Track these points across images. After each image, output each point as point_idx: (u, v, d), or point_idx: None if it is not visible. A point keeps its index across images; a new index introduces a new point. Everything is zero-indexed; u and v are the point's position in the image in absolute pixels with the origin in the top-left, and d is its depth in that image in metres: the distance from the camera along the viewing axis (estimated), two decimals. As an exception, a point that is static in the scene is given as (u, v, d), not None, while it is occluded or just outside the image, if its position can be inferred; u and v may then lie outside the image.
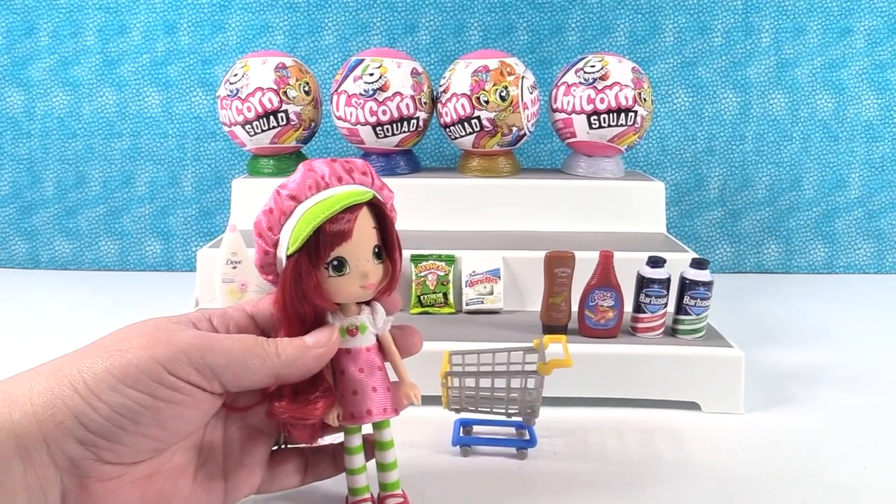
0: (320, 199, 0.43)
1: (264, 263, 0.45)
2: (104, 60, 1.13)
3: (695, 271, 0.69)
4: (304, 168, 0.44)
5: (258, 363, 0.42)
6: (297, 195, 0.43)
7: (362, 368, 0.46)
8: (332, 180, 0.44)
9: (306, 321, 0.45)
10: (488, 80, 0.88)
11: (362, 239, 0.44)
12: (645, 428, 0.65)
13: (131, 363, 0.38)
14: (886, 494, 0.54)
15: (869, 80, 1.13)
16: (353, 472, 0.48)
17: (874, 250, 1.18)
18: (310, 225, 0.42)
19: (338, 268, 0.43)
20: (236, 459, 0.46)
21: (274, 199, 0.44)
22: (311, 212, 0.42)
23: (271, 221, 0.44)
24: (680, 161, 1.16)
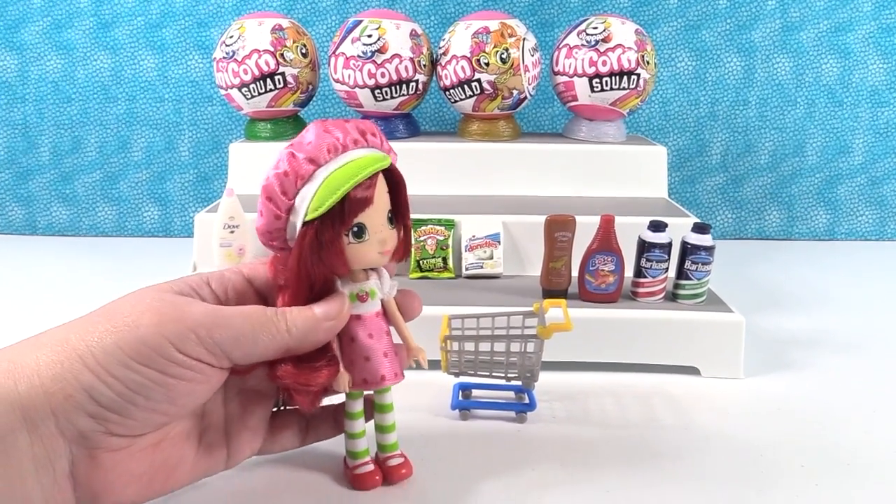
0: (342, 163, 0.42)
1: (272, 229, 0.43)
2: (98, 23, 1.11)
3: (696, 235, 0.69)
4: (319, 129, 0.43)
5: (268, 339, 0.41)
6: (316, 158, 0.42)
7: (372, 334, 0.46)
8: (349, 142, 0.43)
9: (315, 287, 0.44)
10: (489, 41, 0.87)
11: (379, 205, 0.43)
12: (644, 392, 0.65)
13: (142, 340, 0.38)
14: (886, 459, 0.54)
15: (875, 44, 1.11)
16: (354, 436, 0.48)
17: (876, 217, 1.17)
18: (338, 191, 0.41)
19: (358, 234, 0.43)
20: (237, 423, 0.47)
21: (289, 162, 0.42)
22: (335, 176, 0.41)
23: (286, 185, 0.42)
24: (682, 126, 1.15)
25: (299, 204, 0.42)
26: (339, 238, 0.42)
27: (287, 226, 0.43)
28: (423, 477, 0.51)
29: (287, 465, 0.52)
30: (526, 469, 0.52)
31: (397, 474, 0.49)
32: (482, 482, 0.51)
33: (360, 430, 0.48)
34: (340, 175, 0.41)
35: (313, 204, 0.41)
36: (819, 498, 0.49)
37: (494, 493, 0.49)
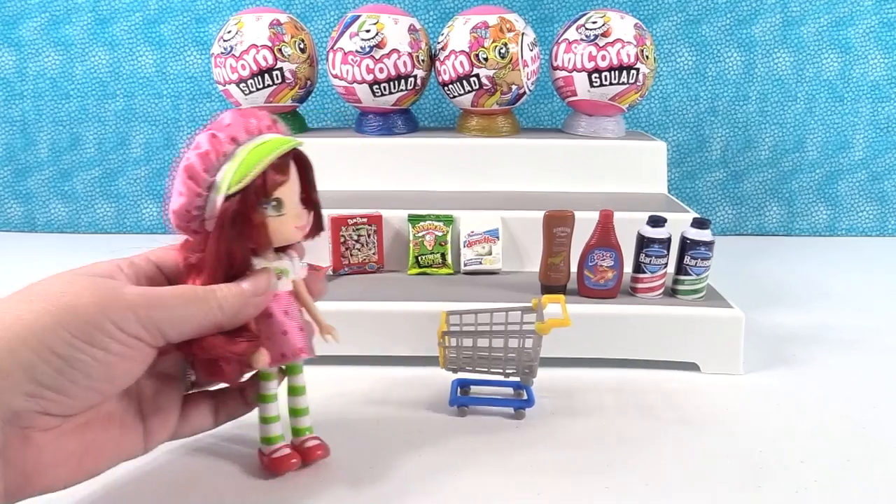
0: (260, 141, 0.45)
1: (192, 208, 0.44)
2: (96, 19, 1.11)
3: (696, 231, 0.69)
4: (236, 114, 0.46)
5: (201, 317, 0.43)
6: (236, 137, 0.45)
7: (287, 311, 0.49)
8: (263, 127, 0.46)
9: (233, 266, 0.45)
10: (487, 36, 0.86)
11: (293, 184, 0.47)
12: (644, 388, 0.65)
13: (84, 319, 0.39)
14: (884, 455, 0.54)
15: (876, 39, 1.10)
16: (269, 421, 0.50)
17: (877, 213, 1.17)
18: (259, 163, 0.44)
19: (277, 207, 0.45)
20: (151, 405, 0.48)
21: (210, 142, 0.44)
22: (255, 152, 0.44)
23: (207, 164, 0.44)
24: (682, 121, 1.15)
25: (220, 180, 0.44)
26: (260, 210, 0.45)
27: (207, 203, 0.44)
28: (422, 474, 0.51)
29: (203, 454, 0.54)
30: (525, 465, 0.52)
31: (313, 455, 0.51)
32: (481, 479, 0.51)
33: (275, 414, 0.50)
34: (261, 150, 0.44)
35: (235, 177, 0.43)
36: (818, 493, 0.49)
37: (493, 490, 0.49)
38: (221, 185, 0.44)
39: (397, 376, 0.66)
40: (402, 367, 0.68)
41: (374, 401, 0.62)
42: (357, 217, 0.76)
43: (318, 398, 0.62)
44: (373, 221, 0.77)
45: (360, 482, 0.50)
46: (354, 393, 0.63)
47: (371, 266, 0.77)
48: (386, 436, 0.56)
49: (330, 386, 0.64)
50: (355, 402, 0.62)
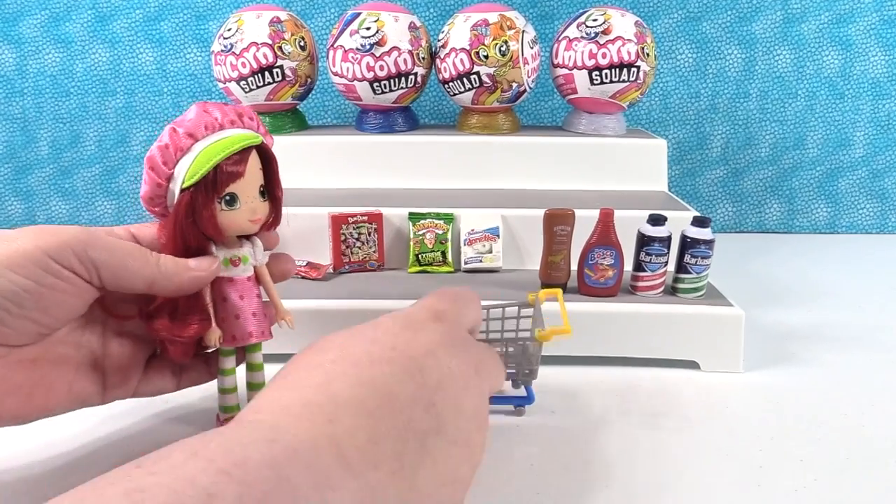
0: (217, 139, 0.48)
1: (154, 196, 0.48)
2: (96, 16, 1.11)
3: (696, 229, 0.69)
4: (199, 109, 0.48)
5: (137, 266, 0.45)
6: (194, 133, 0.47)
7: (242, 296, 0.51)
8: (225, 122, 0.49)
9: (190, 251, 0.49)
10: (488, 34, 0.86)
11: (251, 178, 0.49)
12: (644, 386, 0.65)
13: (18, 251, 0.41)
14: (884, 454, 0.54)
15: (877, 36, 1.10)
16: (226, 391, 0.53)
17: (877, 210, 1.17)
18: (210, 162, 0.46)
19: (230, 202, 0.48)
20: (115, 360, 0.50)
21: (170, 136, 0.47)
22: (209, 150, 0.47)
23: (167, 156, 0.47)
24: (682, 119, 1.15)
25: (178, 173, 0.47)
26: (212, 204, 0.48)
27: (167, 193, 0.48)
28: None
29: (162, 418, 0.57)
30: (524, 463, 0.52)
31: None
32: (478, 477, 0.51)
33: (232, 385, 0.53)
34: (214, 148, 0.47)
35: (189, 173, 0.46)
36: (818, 492, 0.49)
37: (492, 488, 0.49)
38: (178, 178, 0.47)
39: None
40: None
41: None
42: (357, 215, 0.76)
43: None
44: (373, 219, 0.77)
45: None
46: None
47: (371, 264, 0.78)
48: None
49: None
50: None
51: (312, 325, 0.68)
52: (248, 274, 0.52)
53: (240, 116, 0.50)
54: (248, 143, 0.48)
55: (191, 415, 0.58)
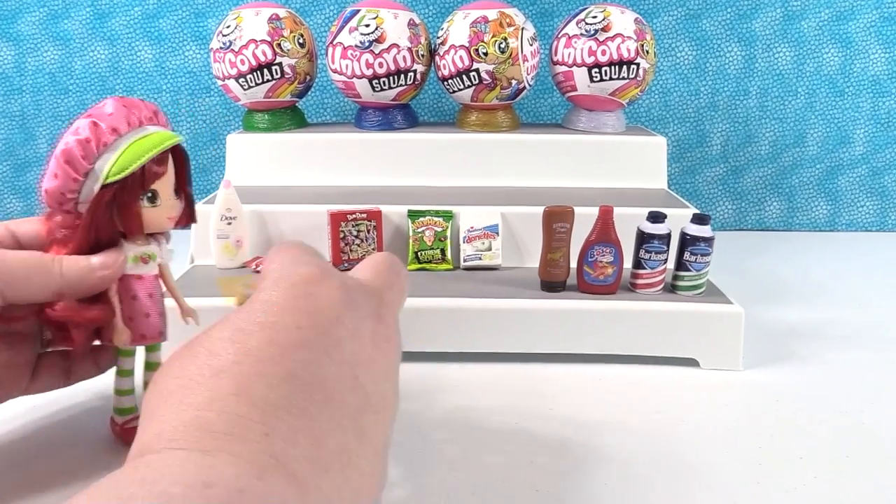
0: (141, 135, 0.47)
1: (66, 191, 0.46)
2: (94, 13, 1.11)
3: (696, 226, 0.69)
4: (118, 103, 0.48)
5: (42, 281, 0.44)
6: (118, 128, 0.47)
7: (151, 294, 0.51)
8: (143, 119, 0.49)
9: (100, 246, 0.48)
10: (487, 31, 0.86)
11: (169, 177, 0.50)
12: (643, 384, 0.65)
13: None
14: (884, 452, 0.54)
15: (877, 33, 1.10)
16: (123, 393, 0.53)
17: (877, 208, 1.17)
18: (140, 158, 0.46)
19: (152, 199, 0.49)
20: (4, 360, 0.49)
21: (91, 130, 0.46)
22: (136, 146, 0.47)
23: (87, 150, 0.46)
24: (682, 116, 1.15)
25: (99, 168, 0.46)
26: (136, 200, 0.48)
27: (82, 188, 0.47)
28: (417, 472, 0.51)
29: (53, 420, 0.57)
30: (523, 460, 0.52)
31: None
32: (478, 476, 0.51)
33: (130, 388, 0.53)
34: (142, 145, 0.47)
35: (115, 168, 0.46)
36: (818, 490, 0.49)
37: (491, 485, 0.49)
38: (100, 173, 0.46)
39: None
40: (403, 363, 0.68)
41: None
42: (356, 212, 0.76)
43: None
44: (372, 217, 0.77)
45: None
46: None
47: (370, 262, 0.77)
48: (385, 432, 0.56)
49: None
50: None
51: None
52: (155, 272, 0.52)
53: (154, 114, 0.50)
54: (172, 143, 0.49)
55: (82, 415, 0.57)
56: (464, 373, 0.66)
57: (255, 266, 0.76)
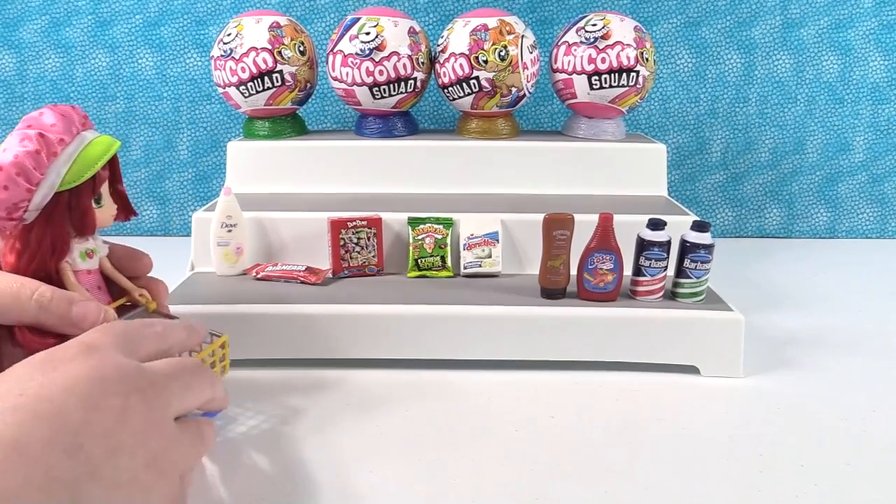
0: (86, 141, 0.50)
1: (18, 201, 0.48)
2: (96, 21, 1.11)
3: (696, 234, 0.69)
4: (56, 112, 0.50)
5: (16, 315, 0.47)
6: (64, 138, 0.49)
7: (100, 286, 0.55)
8: (79, 125, 0.51)
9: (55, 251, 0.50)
10: (487, 39, 0.86)
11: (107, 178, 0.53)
12: (643, 392, 0.65)
13: None
14: (884, 458, 0.54)
15: (876, 40, 1.10)
16: None
17: (877, 215, 1.17)
18: (96, 164, 0.50)
19: (98, 201, 0.52)
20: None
21: (39, 142, 0.48)
22: (88, 153, 0.50)
23: (38, 161, 0.47)
24: (682, 123, 1.15)
25: (52, 178, 0.48)
26: (91, 204, 0.51)
27: (33, 197, 0.48)
28: (417, 479, 0.51)
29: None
30: (523, 466, 0.52)
31: None
32: (478, 481, 0.51)
33: None
34: (92, 152, 0.50)
35: (69, 177, 0.49)
36: (818, 497, 0.49)
37: (492, 491, 0.49)
38: (54, 182, 0.48)
39: (400, 379, 0.66)
40: (404, 370, 0.68)
41: (376, 404, 0.62)
42: (357, 220, 0.76)
43: (321, 400, 0.62)
44: (372, 224, 0.77)
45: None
46: (354, 395, 0.63)
47: (371, 269, 0.77)
48: (385, 438, 0.56)
49: (331, 388, 0.64)
50: (357, 405, 0.62)
51: (312, 331, 0.68)
52: (97, 266, 0.55)
53: (84, 118, 0.52)
54: (117, 147, 0.52)
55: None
56: (464, 380, 0.66)
57: (255, 273, 0.76)
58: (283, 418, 0.59)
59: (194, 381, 0.43)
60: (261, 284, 0.75)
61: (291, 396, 0.63)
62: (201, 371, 0.45)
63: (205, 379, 0.45)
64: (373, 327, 0.68)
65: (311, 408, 0.61)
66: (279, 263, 0.78)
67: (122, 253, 0.57)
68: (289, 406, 0.61)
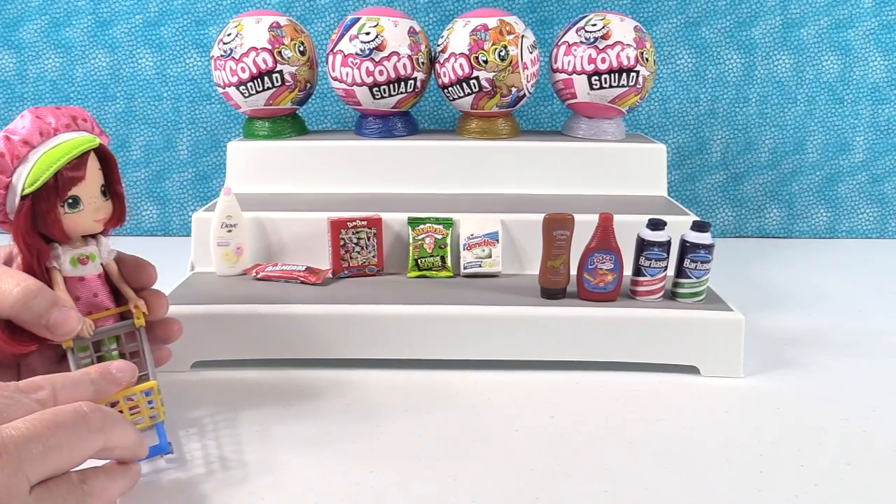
0: (54, 144, 0.49)
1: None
2: (96, 21, 1.11)
3: (696, 234, 0.69)
4: (32, 115, 0.49)
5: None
6: (30, 140, 0.48)
7: (96, 293, 0.53)
8: (60, 126, 0.50)
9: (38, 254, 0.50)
10: (487, 39, 0.86)
11: (91, 180, 0.51)
12: (643, 392, 0.65)
13: None
14: (884, 458, 0.54)
15: (876, 40, 1.10)
16: None
17: (877, 215, 1.17)
18: (50, 168, 0.48)
19: (73, 205, 0.50)
20: None
21: (5, 145, 0.48)
22: (47, 156, 0.48)
23: (3, 165, 0.47)
24: (682, 123, 1.15)
25: (16, 181, 0.48)
26: (55, 209, 0.49)
27: (6, 201, 0.49)
28: (417, 480, 0.51)
29: None
30: (523, 468, 0.52)
31: None
32: (479, 481, 0.51)
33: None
34: (53, 154, 0.48)
35: (28, 180, 0.47)
36: (819, 498, 0.49)
37: (491, 493, 0.49)
38: (17, 186, 0.48)
39: (399, 380, 0.66)
40: (403, 370, 0.68)
41: (375, 404, 0.62)
42: (357, 220, 0.76)
43: (320, 400, 0.62)
44: (372, 224, 0.77)
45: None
46: (354, 395, 0.63)
47: (371, 269, 0.77)
48: (385, 439, 0.56)
49: (331, 389, 0.64)
50: (357, 405, 0.62)
51: (312, 331, 0.68)
52: (98, 272, 0.53)
53: (74, 119, 0.51)
54: (85, 148, 0.49)
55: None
56: (464, 380, 0.66)
57: (255, 273, 0.76)
58: (283, 418, 0.59)
59: (68, 437, 0.40)
60: (261, 284, 0.75)
61: (291, 396, 0.63)
62: (84, 422, 0.41)
63: (88, 431, 0.41)
64: (373, 327, 0.68)
65: (310, 408, 0.61)
66: (279, 263, 0.78)
67: (127, 261, 0.56)
68: (288, 406, 0.61)
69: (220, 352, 0.68)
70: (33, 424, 0.39)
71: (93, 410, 0.42)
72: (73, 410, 0.41)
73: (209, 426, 0.58)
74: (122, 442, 0.44)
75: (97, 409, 0.42)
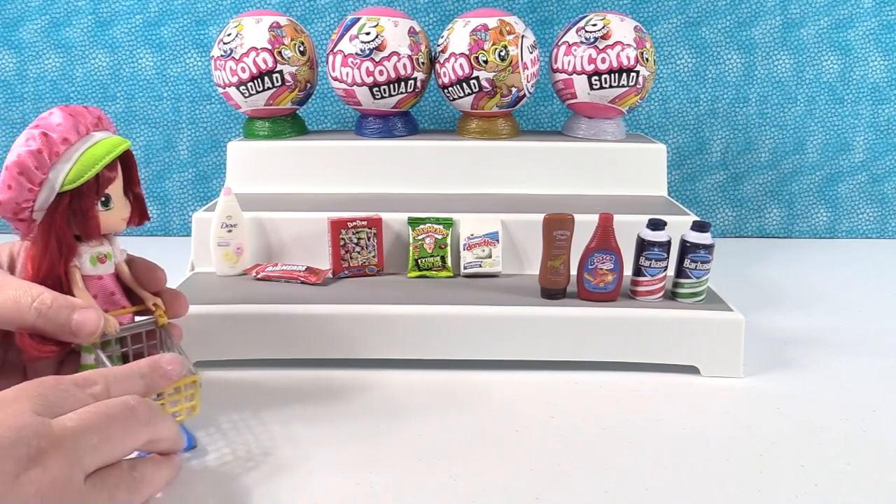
0: (92, 143, 0.49)
1: (21, 200, 0.48)
2: (96, 21, 1.11)
3: (696, 234, 0.69)
4: (65, 112, 0.49)
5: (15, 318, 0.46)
6: (69, 138, 0.48)
7: (113, 292, 0.53)
8: (90, 126, 0.50)
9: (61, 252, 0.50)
10: (487, 39, 0.86)
11: (119, 179, 0.51)
12: (644, 392, 0.65)
13: None
14: (884, 458, 0.54)
15: (876, 40, 1.10)
16: None
17: (877, 215, 1.17)
18: (95, 165, 0.48)
19: (105, 203, 0.51)
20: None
21: (42, 141, 0.47)
22: (90, 154, 0.49)
23: (40, 161, 0.47)
24: (682, 123, 1.15)
25: (53, 178, 0.48)
26: (94, 206, 0.50)
27: (38, 197, 0.48)
28: (417, 480, 0.51)
29: None
30: (523, 468, 0.52)
31: None
32: (478, 481, 0.51)
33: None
34: (96, 153, 0.49)
35: (70, 177, 0.48)
36: (818, 498, 0.49)
37: (491, 493, 0.49)
38: (55, 182, 0.48)
39: (399, 380, 0.66)
40: (403, 370, 0.68)
41: (376, 404, 0.62)
42: (357, 220, 0.76)
43: (320, 400, 0.62)
44: (372, 224, 0.77)
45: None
46: (354, 396, 0.63)
47: (371, 269, 0.77)
48: (385, 438, 0.56)
49: (331, 389, 0.64)
50: (357, 405, 0.62)
51: (312, 331, 0.68)
52: (112, 271, 0.53)
53: (98, 119, 0.52)
54: (125, 148, 0.51)
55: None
56: (464, 380, 0.66)
57: (255, 273, 0.76)
58: (282, 418, 0.59)
59: (120, 429, 0.41)
60: (261, 284, 0.75)
61: (291, 397, 0.63)
62: (133, 416, 0.43)
63: (137, 424, 0.43)
64: (373, 327, 0.68)
65: (309, 408, 0.61)
66: (279, 263, 0.78)
67: (139, 264, 0.56)
68: (288, 406, 0.61)
69: (219, 352, 0.68)
70: (88, 417, 0.40)
71: (140, 404, 0.43)
72: (122, 403, 0.43)
73: (209, 426, 0.58)
74: (166, 434, 0.46)
75: (144, 403, 0.44)
